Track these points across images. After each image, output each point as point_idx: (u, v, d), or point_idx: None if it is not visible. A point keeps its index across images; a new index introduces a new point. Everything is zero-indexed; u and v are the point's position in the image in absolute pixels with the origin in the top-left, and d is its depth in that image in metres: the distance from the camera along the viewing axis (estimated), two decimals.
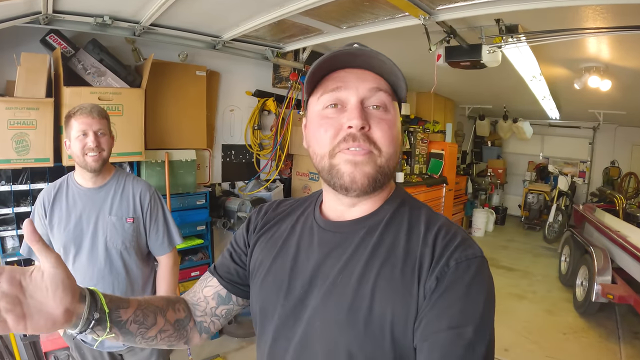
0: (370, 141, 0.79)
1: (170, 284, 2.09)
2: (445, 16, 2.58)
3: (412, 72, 5.53)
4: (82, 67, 2.87)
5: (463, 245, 0.77)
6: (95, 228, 1.88)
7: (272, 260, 0.93)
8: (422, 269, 0.76)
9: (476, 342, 0.70)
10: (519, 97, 6.19)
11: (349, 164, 0.79)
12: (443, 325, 0.71)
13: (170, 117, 3.46)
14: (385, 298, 0.76)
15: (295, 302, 0.85)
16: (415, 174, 6.44)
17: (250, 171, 4.42)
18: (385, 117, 0.81)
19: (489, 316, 0.73)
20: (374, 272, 0.79)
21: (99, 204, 1.91)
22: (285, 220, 0.99)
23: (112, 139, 1.94)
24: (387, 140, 0.80)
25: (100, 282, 1.88)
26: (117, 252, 1.91)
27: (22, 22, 2.48)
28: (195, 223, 3.59)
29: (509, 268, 6.18)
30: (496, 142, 10.01)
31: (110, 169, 1.99)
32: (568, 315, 4.56)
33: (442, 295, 0.73)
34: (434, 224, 0.82)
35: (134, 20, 2.84)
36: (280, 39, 3.51)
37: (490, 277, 0.78)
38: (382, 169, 0.80)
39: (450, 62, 3.18)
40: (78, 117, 1.80)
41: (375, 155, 0.80)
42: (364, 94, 0.81)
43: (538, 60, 3.74)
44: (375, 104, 0.81)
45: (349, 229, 0.86)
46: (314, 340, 0.81)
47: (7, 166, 2.57)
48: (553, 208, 7.42)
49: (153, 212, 2.00)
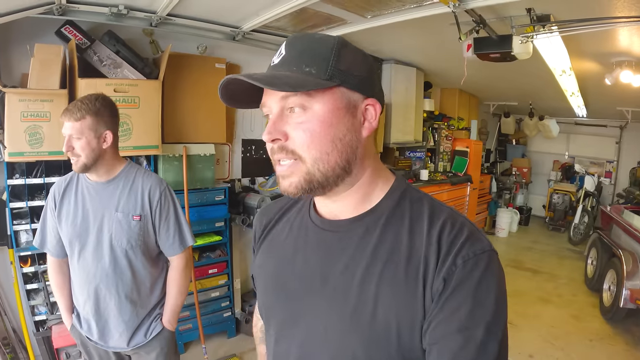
0: (288, 151, 0.76)
1: (181, 287, 1.98)
2: (475, 3, 2.47)
3: (437, 68, 5.47)
4: (98, 58, 2.82)
5: (470, 240, 0.74)
6: (100, 224, 1.79)
7: (271, 263, 0.93)
8: (428, 269, 0.73)
9: (487, 341, 0.68)
10: (546, 94, 6.06)
11: (279, 177, 0.79)
12: (452, 328, 0.69)
13: (189, 111, 3.39)
14: (389, 303, 0.74)
15: (296, 306, 0.84)
16: (439, 171, 6.38)
17: (270, 167, 4.23)
18: (299, 119, 0.75)
19: (500, 313, 0.71)
20: (376, 275, 0.76)
21: (106, 199, 1.81)
22: (281, 220, 0.98)
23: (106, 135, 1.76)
24: (304, 145, 0.75)
25: (104, 281, 1.80)
26: (122, 251, 1.81)
27: (36, 12, 2.43)
28: (214, 219, 3.51)
29: (534, 270, 6.03)
30: (521, 141, 9.83)
31: (121, 162, 1.88)
32: (594, 321, 4.41)
33: (450, 296, 0.70)
34: (438, 218, 0.78)
35: (150, 10, 2.78)
36: (301, 29, 3.42)
37: (500, 271, 0.75)
38: (310, 175, 0.76)
39: (479, 54, 3.06)
40: (61, 117, 1.72)
41: (299, 164, 0.76)
42: (279, 102, 0.76)
43: (569, 54, 3.62)
44: (289, 107, 0.76)
45: (347, 227, 0.82)
46: (318, 344, 0.80)
47: (21, 159, 2.54)
48: (579, 209, 7.23)
49: (163, 210, 1.88)
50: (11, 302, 2.88)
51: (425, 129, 6.05)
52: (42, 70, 2.48)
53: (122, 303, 1.83)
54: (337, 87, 0.76)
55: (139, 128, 2.78)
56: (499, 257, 0.76)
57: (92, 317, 1.84)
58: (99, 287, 1.81)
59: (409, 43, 4.15)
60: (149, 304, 1.93)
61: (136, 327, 1.89)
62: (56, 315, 2.78)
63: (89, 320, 1.87)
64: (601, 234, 5.23)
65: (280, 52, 0.78)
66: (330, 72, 0.75)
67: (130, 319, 1.86)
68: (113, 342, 1.88)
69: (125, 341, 1.87)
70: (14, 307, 2.86)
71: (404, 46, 4.37)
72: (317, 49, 0.76)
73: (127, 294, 1.84)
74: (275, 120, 0.76)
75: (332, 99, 0.76)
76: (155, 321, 1.94)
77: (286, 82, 0.72)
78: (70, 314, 1.94)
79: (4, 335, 2.85)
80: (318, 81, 0.74)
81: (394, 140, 5.24)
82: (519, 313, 4.41)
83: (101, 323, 1.85)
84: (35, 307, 2.85)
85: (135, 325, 1.88)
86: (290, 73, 0.75)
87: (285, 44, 0.78)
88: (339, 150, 0.76)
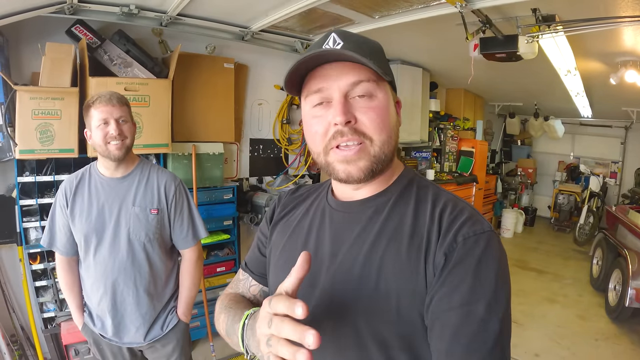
0: (359, 133, 0.79)
1: (195, 279, 2.03)
2: (482, 3, 2.48)
3: (443, 68, 5.47)
4: (108, 57, 2.84)
5: (471, 220, 0.77)
6: (117, 219, 1.83)
7: (285, 242, 0.96)
8: (430, 245, 0.76)
9: (489, 319, 0.69)
10: (551, 94, 6.05)
11: (342, 163, 0.80)
12: (454, 303, 0.70)
13: (198, 110, 3.43)
14: (391, 275, 0.77)
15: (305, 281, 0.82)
16: (445, 172, 6.39)
17: (278, 166, 4.39)
18: (371, 104, 0.80)
19: (502, 291, 0.72)
20: (380, 250, 0.79)
21: (122, 194, 1.85)
22: (301, 204, 1.02)
23: (134, 126, 1.88)
24: (377, 127, 0.80)
25: (122, 274, 1.83)
26: (140, 244, 1.85)
27: (47, 12, 2.46)
28: (222, 218, 3.54)
29: (539, 271, 6.02)
30: (526, 141, 9.80)
31: (134, 159, 1.93)
32: (600, 321, 4.40)
33: (451, 271, 0.72)
34: (440, 200, 0.82)
35: (161, 10, 2.81)
36: (310, 29, 3.44)
37: (501, 251, 0.76)
38: (377, 157, 0.80)
39: (485, 53, 3.06)
40: (98, 105, 1.74)
41: (367, 146, 0.80)
42: (346, 88, 0.79)
43: (574, 54, 3.62)
44: (359, 94, 0.79)
45: (358, 208, 0.87)
46: (323, 317, 0.82)
47: (31, 156, 2.56)
48: (584, 209, 7.18)
49: (178, 204, 1.94)
50: (20, 299, 2.90)
51: (431, 129, 6.06)
52: (53, 68, 2.50)
53: (140, 296, 1.86)
54: (388, 83, 0.84)
55: (149, 126, 2.81)
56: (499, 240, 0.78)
57: (108, 313, 1.85)
58: (116, 282, 1.83)
59: (415, 43, 4.16)
60: (164, 296, 1.96)
61: (153, 320, 1.91)
62: (65, 312, 2.80)
63: (104, 317, 1.88)
64: (606, 234, 5.23)
65: (337, 41, 0.80)
66: (386, 68, 0.82)
67: (148, 312, 1.89)
68: (129, 338, 1.89)
69: (142, 335, 1.89)
70: (23, 304, 2.88)
71: (410, 46, 4.38)
72: (371, 46, 0.83)
73: (145, 287, 1.87)
74: (344, 103, 0.78)
75: (386, 92, 0.83)
76: (170, 314, 1.98)
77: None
78: (81, 313, 1.95)
79: (12, 333, 2.87)
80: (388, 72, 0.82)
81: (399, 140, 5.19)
82: (525, 313, 4.41)
83: (117, 319, 1.87)
84: (44, 304, 2.87)
85: (152, 318, 1.91)
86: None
87: (336, 34, 0.81)
88: (393, 139, 0.83)
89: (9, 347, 2.70)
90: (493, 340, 0.68)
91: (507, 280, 0.74)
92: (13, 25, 2.45)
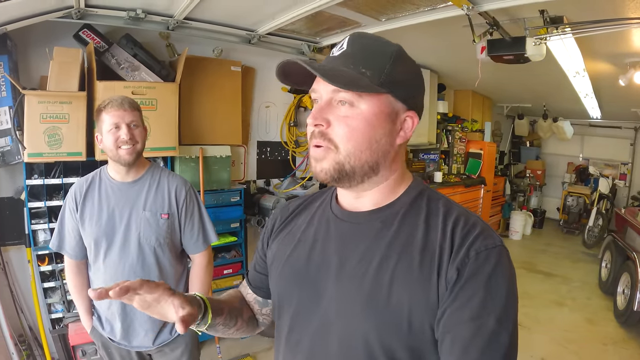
0: (326, 138, 0.80)
1: (205, 284, 2.03)
2: (488, 6, 2.47)
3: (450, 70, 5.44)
4: (116, 61, 2.86)
5: (483, 235, 0.77)
6: (128, 223, 1.83)
7: (290, 252, 0.95)
8: (442, 259, 0.76)
9: (499, 332, 0.70)
10: (560, 95, 6.01)
11: (312, 159, 0.84)
12: (465, 316, 0.72)
13: (205, 113, 3.44)
14: (403, 288, 0.77)
15: (312, 292, 0.87)
16: (453, 173, 6.37)
17: (285, 169, 4.39)
18: (348, 112, 0.80)
19: (511, 306, 0.74)
20: (392, 263, 0.79)
21: (133, 198, 1.85)
22: (302, 213, 1.02)
23: (146, 130, 1.89)
24: (344, 137, 0.79)
25: (132, 278, 1.79)
26: (150, 248, 1.85)
27: (55, 16, 2.47)
28: (229, 220, 3.55)
29: (547, 273, 5.98)
30: (535, 143, 9.75)
31: (145, 163, 1.93)
32: (608, 325, 4.36)
33: (463, 286, 0.73)
34: (452, 214, 0.82)
35: (168, 14, 2.81)
36: (316, 32, 3.44)
37: (511, 267, 0.78)
38: (340, 164, 0.80)
39: (492, 56, 3.05)
40: (109, 110, 1.75)
41: (332, 152, 0.80)
42: (329, 93, 0.81)
43: (582, 55, 3.61)
44: (339, 100, 0.80)
45: (365, 219, 0.87)
46: (330, 330, 0.83)
47: (40, 160, 2.58)
48: (593, 212, 7.13)
49: (189, 209, 1.94)
50: (28, 300, 2.93)
51: (439, 131, 6.05)
52: (61, 73, 2.52)
53: None
54: (385, 94, 0.81)
55: (157, 130, 2.82)
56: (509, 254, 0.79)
57: (117, 316, 1.86)
58: None
59: (423, 45, 4.14)
60: None
61: (162, 324, 1.92)
62: (73, 313, 2.82)
63: (113, 320, 1.89)
64: (615, 236, 5.17)
65: (342, 46, 0.82)
66: (382, 79, 0.79)
67: None
68: (137, 342, 1.90)
69: (150, 339, 1.90)
70: (31, 305, 2.91)
71: (417, 48, 4.35)
72: (376, 53, 0.81)
73: None
74: (323, 107, 0.81)
75: (378, 103, 0.80)
76: None
77: (340, 78, 0.77)
78: (90, 316, 1.96)
79: (20, 333, 2.89)
80: (370, 85, 0.78)
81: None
82: (531, 316, 4.38)
83: (127, 322, 1.87)
84: (52, 305, 2.89)
85: (161, 322, 1.90)
86: (346, 69, 0.79)
87: (348, 39, 0.83)
88: (372, 151, 0.81)
89: (17, 347, 2.72)
90: (502, 354, 0.70)
91: (516, 295, 0.76)
92: (21, 30, 2.46)
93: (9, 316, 2.70)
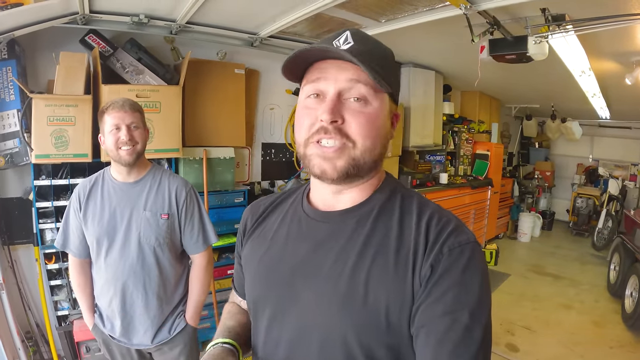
0: (342, 134, 0.79)
1: (204, 284, 2.05)
2: (487, 5, 2.48)
3: (456, 71, 5.42)
4: (121, 65, 2.92)
5: (456, 231, 0.78)
6: (129, 223, 1.87)
7: (263, 253, 0.94)
8: (417, 256, 0.77)
9: (472, 326, 0.71)
10: (567, 95, 5.94)
11: (319, 158, 0.80)
12: (438, 311, 0.72)
13: (209, 115, 3.48)
14: (380, 286, 0.77)
15: (288, 294, 0.86)
16: (460, 175, 6.35)
17: (290, 170, 4.42)
18: (363, 110, 0.80)
19: (484, 300, 0.74)
20: (367, 262, 0.79)
21: (134, 198, 1.89)
22: (274, 212, 1.00)
23: (147, 131, 1.93)
24: (362, 133, 0.79)
25: (132, 277, 1.87)
26: (150, 248, 1.88)
27: (61, 22, 2.54)
28: (233, 221, 3.57)
29: (555, 276, 5.91)
30: (544, 144, 9.65)
31: (147, 165, 1.98)
32: (616, 328, 4.29)
33: (437, 282, 0.74)
34: (426, 212, 0.83)
35: (170, 19, 2.87)
36: (318, 34, 3.46)
37: (483, 262, 0.79)
38: (356, 161, 0.80)
39: (494, 55, 3.04)
40: (110, 111, 1.80)
41: (349, 148, 0.79)
42: (342, 85, 0.80)
43: (587, 54, 3.56)
44: (354, 97, 0.80)
45: (339, 219, 0.86)
46: (309, 330, 0.82)
47: (47, 161, 2.65)
48: (603, 213, 7.03)
49: (189, 210, 1.97)
50: (35, 297, 3.00)
51: (445, 132, 6.02)
52: (67, 77, 2.58)
53: (149, 299, 1.90)
54: (387, 94, 0.84)
55: (161, 132, 2.87)
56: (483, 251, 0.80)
57: (117, 314, 1.90)
58: (126, 284, 1.87)
59: (427, 46, 4.15)
60: (173, 300, 1.99)
61: (161, 323, 1.95)
62: (78, 310, 2.86)
63: (113, 318, 1.93)
64: (624, 238, 5.10)
65: (347, 40, 0.80)
66: (390, 79, 0.82)
67: (156, 315, 1.92)
68: (137, 339, 1.93)
69: (149, 338, 1.93)
70: (38, 302, 2.97)
71: (421, 49, 4.37)
72: (383, 54, 0.84)
73: (154, 291, 1.90)
74: (335, 102, 0.79)
75: (384, 102, 0.83)
76: (178, 317, 2.00)
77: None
78: (92, 314, 2.00)
79: (27, 329, 2.96)
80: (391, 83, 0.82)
81: (413, 143, 5.24)
82: (539, 319, 4.36)
83: (126, 320, 1.91)
84: (58, 303, 2.96)
85: (160, 321, 1.94)
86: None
87: (350, 34, 0.81)
88: (381, 147, 0.83)
89: (24, 344, 2.78)
90: (477, 347, 0.71)
91: (489, 289, 0.77)
92: (29, 36, 2.54)
93: (16, 313, 2.76)
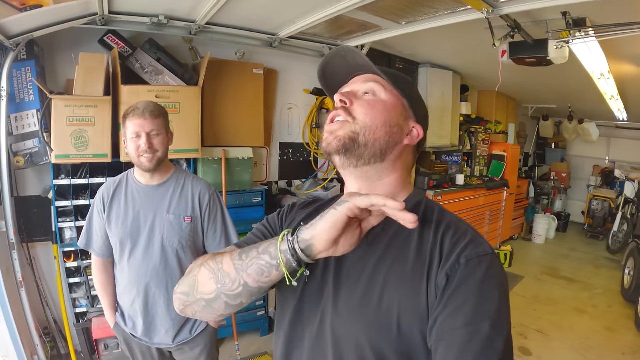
0: (348, 113, 0.88)
1: None
2: (509, 9, 2.45)
3: (474, 71, 5.38)
4: (140, 66, 2.93)
5: (473, 243, 0.79)
6: (152, 225, 1.89)
7: None
8: (432, 265, 0.78)
9: (494, 337, 0.70)
10: (585, 97, 5.88)
11: (327, 133, 0.89)
12: (458, 323, 0.71)
13: (228, 115, 3.48)
14: (395, 291, 0.79)
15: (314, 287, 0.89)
16: (476, 176, 6.31)
17: (307, 170, 4.42)
18: (371, 99, 0.90)
19: (504, 311, 0.74)
20: (385, 268, 0.82)
21: (158, 201, 1.91)
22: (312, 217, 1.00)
23: (171, 135, 1.93)
24: (363, 112, 0.88)
25: (155, 279, 1.89)
26: (173, 251, 1.90)
27: (80, 23, 2.55)
28: (251, 221, 3.57)
29: (569, 279, 5.84)
30: (560, 144, 9.56)
31: (170, 167, 1.98)
32: (628, 334, 4.23)
33: (454, 292, 0.74)
34: (443, 222, 0.85)
35: (190, 20, 2.87)
36: (337, 35, 3.45)
37: (502, 274, 0.78)
38: (355, 134, 0.86)
39: (514, 58, 3.01)
40: (131, 118, 1.80)
41: (350, 123, 0.87)
42: (359, 87, 0.92)
43: (607, 57, 3.50)
44: (365, 91, 0.91)
45: None
46: (327, 329, 0.85)
47: (66, 161, 2.67)
48: (618, 216, 6.93)
49: (212, 213, 1.98)
50: (54, 294, 3.04)
51: (462, 133, 5.99)
52: (86, 77, 2.60)
53: (171, 301, 1.89)
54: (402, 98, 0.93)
55: (180, 132, 2.87)
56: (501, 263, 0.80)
57: (139, 314, 1.92)
58: (149, 285, 1.89)
59: (445, 47, 4.11)
60: None
61: (182, 324, 1.97)
62: (96, 308, 2.92)
63: (135, 317, 1.95)
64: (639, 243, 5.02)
65: None
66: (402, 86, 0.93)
67: (178, 316, 1.93)
68: (158, 339, 1.96)
69: (170, 337, 1.95)
70: (56, 299, 3.02)
71: (439, 50, 4.34)
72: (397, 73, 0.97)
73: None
74: (350, 91, 0.92)
75: (396, 98, 0.92)
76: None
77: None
78: (114, 312, 2.02)
79: (45, 325, 3.00)
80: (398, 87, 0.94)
81: (430, 144, 5.23)
82: (552, 322, 4.32)
83: (148, 320, 1.93)
84: (76, 300, 3.00)
85: (181, 322, 1.96)
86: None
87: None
88: (386, 131, 0.88)
89: (42, 339, 2.81)
90: (498, 358, 0.69)
91: (508, 302, 0.76)
92: (48, 36, 2.55)
93: (34, 309, 2.80)
